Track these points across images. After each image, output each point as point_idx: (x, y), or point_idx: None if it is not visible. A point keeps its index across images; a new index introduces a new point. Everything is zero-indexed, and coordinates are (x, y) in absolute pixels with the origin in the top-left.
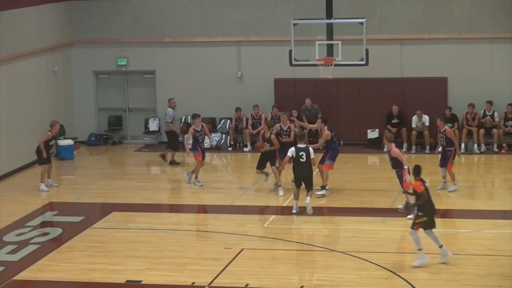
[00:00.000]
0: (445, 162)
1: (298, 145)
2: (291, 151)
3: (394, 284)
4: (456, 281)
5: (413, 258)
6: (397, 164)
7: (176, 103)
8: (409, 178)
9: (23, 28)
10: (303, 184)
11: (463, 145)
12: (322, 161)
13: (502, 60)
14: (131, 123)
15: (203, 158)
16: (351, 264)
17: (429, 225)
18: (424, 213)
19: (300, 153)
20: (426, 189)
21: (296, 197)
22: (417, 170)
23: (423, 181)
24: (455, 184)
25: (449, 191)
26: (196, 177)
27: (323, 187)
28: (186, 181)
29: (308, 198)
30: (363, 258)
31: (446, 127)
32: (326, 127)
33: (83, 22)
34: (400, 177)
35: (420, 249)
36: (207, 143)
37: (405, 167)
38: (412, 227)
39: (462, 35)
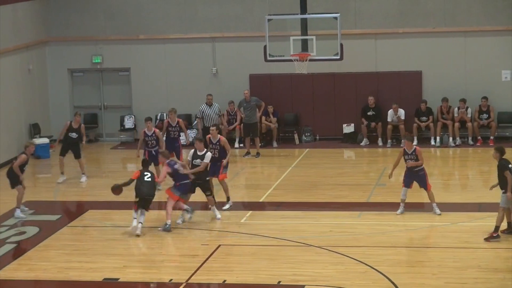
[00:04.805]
0: (423, 182)
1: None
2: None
3: (371, 278)
4: (432, 274)
5: (390, 251)
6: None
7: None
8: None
9: None
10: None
11: (438, 138)
12: (216, 172)
13: (476, 53)
14: (107, 121)
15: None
16: (328, 259)
17: (140, 206)
18: (137, 195)
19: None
20: (139, 178)
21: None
22: (145, 163)
23: (141, 171)
24: (437, 205)
25: (438, 214)
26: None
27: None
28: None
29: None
30: (340, 253)
31: (416, 146)
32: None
33: (57, 20)
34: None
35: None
36: (183, 139)
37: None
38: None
39: (436, 28)
